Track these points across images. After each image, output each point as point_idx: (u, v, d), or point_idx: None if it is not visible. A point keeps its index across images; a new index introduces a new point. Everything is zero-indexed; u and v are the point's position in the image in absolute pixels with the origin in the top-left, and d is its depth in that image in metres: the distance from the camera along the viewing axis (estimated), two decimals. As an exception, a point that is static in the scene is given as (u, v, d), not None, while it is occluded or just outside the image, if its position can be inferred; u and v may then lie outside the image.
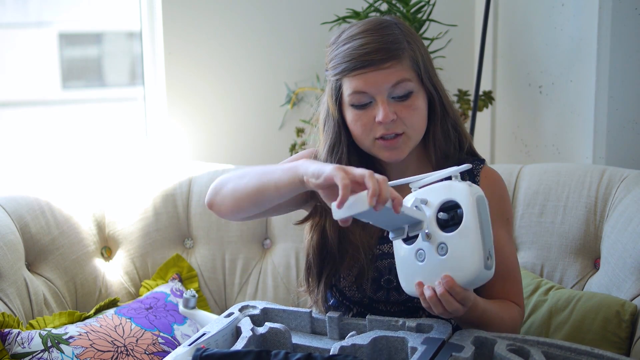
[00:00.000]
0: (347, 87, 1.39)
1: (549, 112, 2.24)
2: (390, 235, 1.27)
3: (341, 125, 1.44)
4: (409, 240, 1.29)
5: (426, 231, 1.26)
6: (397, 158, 1.41)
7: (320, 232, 1.45)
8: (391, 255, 1.44)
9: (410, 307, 1.43)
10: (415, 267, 1.27)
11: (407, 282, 1.29)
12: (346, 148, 1.45)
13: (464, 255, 1.22)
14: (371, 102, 1.38)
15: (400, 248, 1.31)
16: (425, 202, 1.27)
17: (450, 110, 1.46)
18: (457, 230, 1.24)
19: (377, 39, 1.37)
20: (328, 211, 1.42)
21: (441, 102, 1.45)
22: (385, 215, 1.20)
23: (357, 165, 1.42)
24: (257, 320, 1.41)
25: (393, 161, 1.41)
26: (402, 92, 1.38)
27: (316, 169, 1.22)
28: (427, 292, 1.23)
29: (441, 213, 1.26)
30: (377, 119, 1.37)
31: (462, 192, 1.25)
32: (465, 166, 1.27)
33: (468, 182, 1.26)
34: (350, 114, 1.41)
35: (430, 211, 1.27)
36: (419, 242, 1.27)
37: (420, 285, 1.25)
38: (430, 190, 1.28)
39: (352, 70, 1.37)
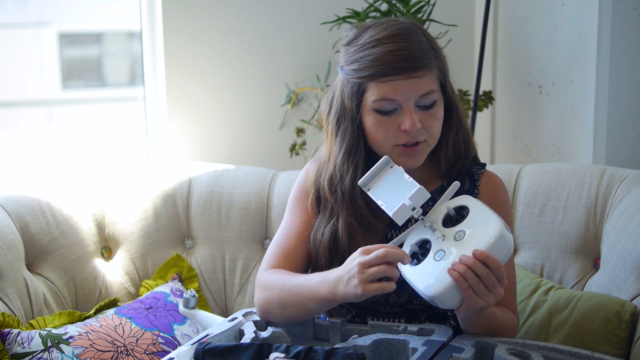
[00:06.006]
0: (374, 93, 1.36)
1: (549, 112, 2.24)
2: (393, 212, 1.27)
3: (360, 128, 1.42)
4: (418, 262, 1.28)
5: (441, 233, 1.27)
6: (415, 165, 1.41)
7: (334, 232, 1.44)
8: None
9: (409, 309, 1.42)
10: (437, 266, 1.25)
11: (433, 283, 1.23)
12: (363, 151, 1.44)
13: (482, 224, 1.23)
14: (396, 108, 1.37)
15: (411, 270, 1.28)
16: (429, 223, 1.30)
17: (463, 121, 1.47)
18: (468, 215, 1.27)
19: (408, 46, 1.35)
20: (342, 212, 1.43)
21: (457, 113, 1.45)
22: (392, 184, 1.29)
23: (367, 169, 1.42)
24: (260, 326, 1.41)
25: (410, 167, 1.39)
26: (429, 102, 1.37)
27: (354, 298, 1.26)
28: (460, 268, 1.20)
29: (451, 209, 1.29)
30: (403, 127, 1.36)
31: (463, 198, 1.31)
32: (455, 184, 1.31)
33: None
34: (372, 119, 1.39)
35: (439, 222, 1.29)
36: (434, 248, 1.27)
37: (451, 269, 1.20)
38: (431, 214, 1.32)
39: (382, 76, 1.35)
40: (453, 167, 1.48)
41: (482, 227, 1.24)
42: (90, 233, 1.94)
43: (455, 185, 1.31)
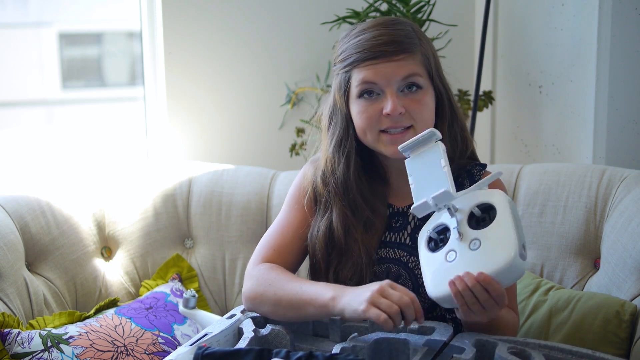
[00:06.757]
0: (357, 78, 1.38)
1: (549, 112, 2.24)
2: (413, 206, 1.25)
3: (349, 119, 1.44)
4: (435, 249, 1.28)
5: (459, 230, 1.25)
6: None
7: (329, 225, 1.45)
8: (389, 260, 1.44)
9: None
10: (445, 268, 1.24)
11: (435, 285, 1.24)
12: (354, 142, 1.44)
13: (497, 244, 1.21)
14: (379, 94, 1.38)
15: (426, 256, 1.29)
16: (456, 209, 1.27)
17: (458, 114, 1.47)
18: (490, 225, 1.23)
19: (390, 32, 1.37)
20: (335, 204, 1.44)
21: (450, 105, 1.45)
22: (428, 163, 1.27)
23: (360, 164, 1.42)
24: (259, 323, 1.41)
25: (398, 157, 1.40)
26: (412, 85, 1.38)
27: (351, 311, 1.25)
28: (460, 285, 1.19)
29: (476, 209, 1.26)
30: (385, 110, 1.37)
31: (494, 195, 1.26)
32: (497, 174, 1.28)
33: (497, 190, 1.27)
34: (356, 106, 1.40)
35: (462, 215, 1.26)
36: (450, 244, 1.26)
37: (452, 282, 1.21)
38: (461, 199, 1.28)
39: (363, 61, 1.37)
40: (450, 163, 1.47)
41: (497, 247, 1.21)
42: (90, 233, 1.94)
43: (498, 174, 1.28)
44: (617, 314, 1.54)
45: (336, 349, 1.26)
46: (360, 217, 1.44)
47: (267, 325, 1.38)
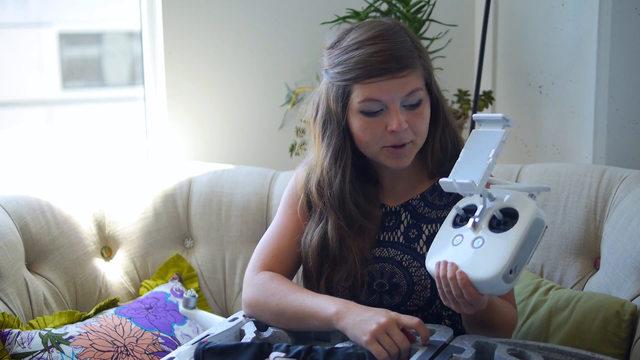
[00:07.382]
0: (359, 94, 1.37)
1: (549, 112, 2.24)
2: (442, 179, 1.25)
3: (347, 130, 1.43)
4: (455, 225, 1.29)
5: (476, 220, 1.26)
6: (404, 165, 1.41)
7: (323, 235, 1.45)
8: (383, 259, 1.44)
9: (403, 311, 1.42)
10: (446, 248, 1.27)
11: (432, 260, 1.27)
12: (350, 153, 1.44)
13: (491, 256, 1.21)
14: (382, 109, 1.37)
15: (443, 228, 1.30)
16: (492, 198, 1.27)
17: (450, 118, 1.47)
18: (500, 234, 1.23)
19: (391, 47, 1.36)
20: (331, 216, 1.43)
21: (443, 111, 1.45)
22: (482, 145, 1.25)
23: (355, 170, 1.42)
24: (261, 326, 1.41)
25: (399, 168, 1.42)
26: (415, 100, 1.38)
27: (352, 335, 1.27)
28: (441, 272, 1.22)
29: (498, 212, 1.26)
30: (390, 127, 1.36)
31: (527, 207, 1.25)
32: (545, 188, 1.30)
33: (537, 203, 1.26)
34: (358, 121, 1.40)
35: (491, 206, 1.27)
36: (463, 228, 1.27)
37: (437, 265, 1.24)
38: (502, 192, 1.29)
39: (366, 78, 1.35)
40: (441, 165, 1.47)
41: (489, 258, 1.21)
42: (90, 233, 1.94)
43: (546, 188, 1.29)
44: (617, 314, 1.54)
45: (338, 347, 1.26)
46: (355, 226, 1.45)
47: (269, 327, 1.38)
